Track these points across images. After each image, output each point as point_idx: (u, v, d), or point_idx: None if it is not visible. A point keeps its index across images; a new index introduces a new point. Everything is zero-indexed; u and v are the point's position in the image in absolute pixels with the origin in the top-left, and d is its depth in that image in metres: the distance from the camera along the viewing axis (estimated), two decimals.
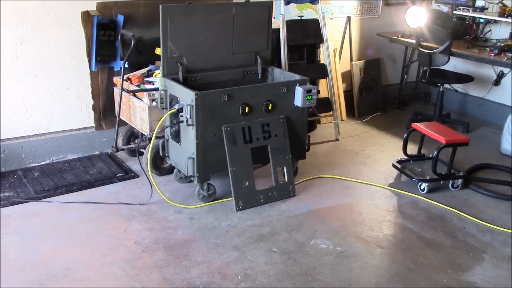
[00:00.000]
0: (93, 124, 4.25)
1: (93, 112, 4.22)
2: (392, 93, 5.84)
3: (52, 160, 4.14)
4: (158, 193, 3.53)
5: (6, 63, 3.79)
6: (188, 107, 3.28)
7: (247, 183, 3.49)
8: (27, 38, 3.80)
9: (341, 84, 5.33)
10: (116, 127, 3.94)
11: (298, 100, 3.61)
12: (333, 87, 4.76)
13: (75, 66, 4.04)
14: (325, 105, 4.79)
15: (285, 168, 3.65)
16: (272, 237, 3.15)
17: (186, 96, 3.33)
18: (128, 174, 3.94)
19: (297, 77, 3.72)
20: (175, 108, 3.40)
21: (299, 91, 3.59)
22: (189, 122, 3.32)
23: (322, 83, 5.04)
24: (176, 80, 3.57)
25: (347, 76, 5.50)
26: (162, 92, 3.58)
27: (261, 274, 2.79)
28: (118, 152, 4.19)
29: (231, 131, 3.42)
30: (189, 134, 3.40)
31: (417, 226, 3.33)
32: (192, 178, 3.51)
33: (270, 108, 3.55)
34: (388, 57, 5.87)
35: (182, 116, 3.37)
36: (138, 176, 3.93)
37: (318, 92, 4.79)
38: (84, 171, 3.95)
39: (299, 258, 2.94)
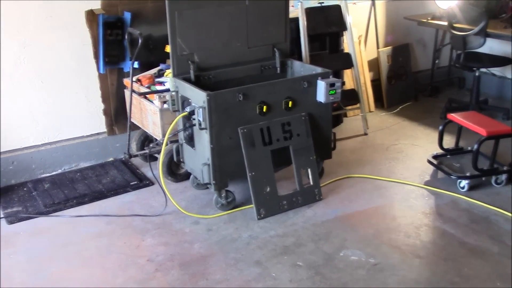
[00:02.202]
0: (105, 130, 4.03)
1: (104, 116, 3.99)
2: (423, 80, 5.45)
3: (64, 169, 3.93)
4: (172, 205, 3.27)
5: (9, 70, 3.58)
6: (200, 109, 3.01)
7: (268, 189, 3.20)
8: (29, 42, 3.59)
9: (368, 73, 4.98)
10: (128, 132, 3.70)
11: (321, 95, 3.29)
12: (359, 77, 4.42)
13: (82, 69, 3.81)
14: (351, 97, 4.45)
15: (309, 170, 3.35)
16: (297, 249, 2.87)
17: (198, 97, 3.06)
18: (143, 182, 3.70)
19: (318, 69, 3.41)
20: (186, 111, 3.14)
21: (321, 85, 3.27)
22: (202, 126, 3.05)
23: (347, 73, 4.70)
24: (187, 79, 3.30)
25: (374, 64, 5.14)
26: (173, 93, 3.32)
27: None
28: (132, 158, 3.96)
29: (248, 133, 3.14)
30: (203, 139, 3.13)
31: (459, 231, 2.99)
32: (208, 186, 3.24)
33: (290, 105, 3.25)
34: (417, 41, 5.48)
35: (194, 119, 3.10)
36: (153, 184, 3.69)
37: (343, 83, 4.47)
38: (97, 180, 3.73)
39: (327, 273, 2.65)
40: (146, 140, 3.97)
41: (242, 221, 3.18)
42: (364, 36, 5.01)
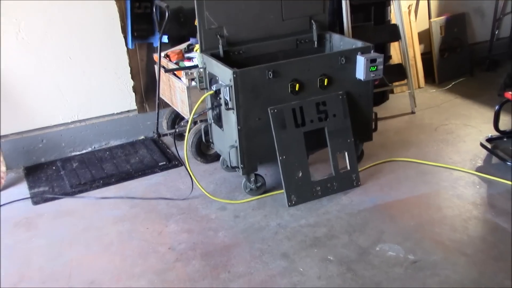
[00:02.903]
0: (135, 107, 3.88)
1: (134, 94, 3.84)
2: (480, 52, 4.99)
3: (94, 148, 3.83)
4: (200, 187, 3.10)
5: (36, 46, 3.47)
6: (227, 87, 2.79)
7: (300, 174, 2.96)
8: (55, 19, 3.45)
9: (418, 46, 4.59)
10: (157, 111, 3.54)
11: (361, 72, 2.99)
12: (407, 51, 4.05)
13: (110, 45, 3.66)
14: (398, 72, 4.10)
15: (346, 153, 3.08)
16: (329, 241, 2.63)
17: (224, 75, 2.83)
18: (171, 163, 3.54)
19: (359, 44, 3.10)
20: (213, 90, 2.93)
21: (361, 61, 2.97)
22: (229, 106, 2.83)
23: (395, 46, 4.33)
24: (215, 55, 3.08)
25: (425, 36, 4.73)
26: (200, 70, 3.11)
27: None
28: (163, 137, 3.81)
29: (279, 114, 2.90)
30: (230, 119, 2.92)
31: None
32: (236, 169, 3.04)
33: (326, 83, 2.97)
34: (475, 10, 5.00)
35: (220, 98, 2.89)
36: (182, 165, 3.53)
37: (390, 57, 4.14)
38: (125, 160, 3.60)
39: (360, 270, 2.41)
40: (177, 118, 3.81)
41: (271, 207, 2.96)
42: (415, 6, 4.59)
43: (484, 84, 4.66)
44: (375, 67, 2.98)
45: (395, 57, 4.35)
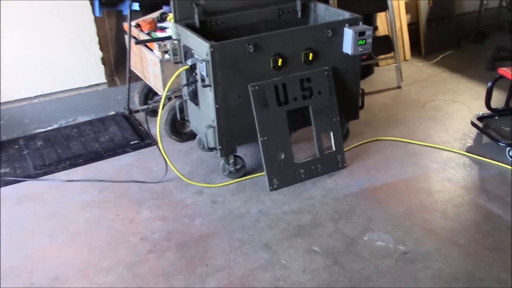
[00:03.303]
0: (105, 80, 3.60)
1: (103, 66, 3.55)
2: (468, 23, 4.80)
3: (60, 124, 3.56)
4: (176, 169, 2.87)
5: None
6: (203, 63, 2.54)
7: (282, 156, 2.77)
8: None
9: (404, 16, 4.36)
10: (127, 85, 3.27)
11: (348, 46, 2.77)
12: (394, 22, 3.83)
13: (76, 12, 3.35)
14: (385, 44, 3.89)
15: (332, 133, 2.89)
16: (313, 230, 2.46)
17: (201, 48, 2.58)
18: (144, 141, 3.30)
19: (346, 15, 2.86)
20: (188, 64, 2.68)
21: (349, 34, 2.74)
22: (206, 82, 2.60)
23: (381, 17, 4.10)
24: (191, 26, 2.81)
25: (412, 6, 4.50)
26: (175, 42, 2.85)
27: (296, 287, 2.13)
28: (134, 114, 3.55)
29: (260, 91, 2.67)
30: (207, 97, 2.68)
31: (507, 211, 2.52)
32: (214, 151, 2.82)
33: (310, 58, 2.75)
34: None
35: (196, 74, 2.65)
36: (156, 144, 3.29)
37: (376, 28, 3.91)
38: (94, 138, 3.35)
39: (348, 262, 2.24)
40: (150, 93, 3.54)
41: (252, 192, 2.77)
42: None
43: (472, 56, 4.48)
44: (364, 40, 2.76)
45: (381, 28, 4.13)
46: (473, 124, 3.18)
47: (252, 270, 2.23)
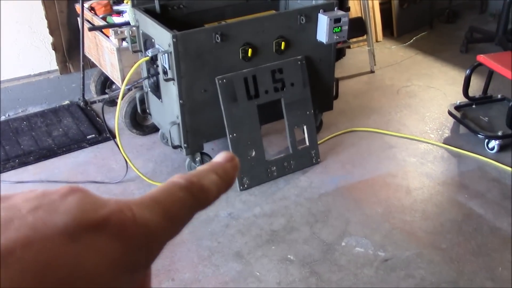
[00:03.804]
0: (57, 67, 3.30)
1: (54, 51, 3.24)
2: (440, 3, 4.64)
3: (8, 116, 3.25)
4: (137, 166, 2.64)
5: None
6: (165, 54, 2.29)
7: (253, 153, 2.57)
8: None
9: None
10: (81, 73, 2.98)
11: (323, 34, 2.57)
12: (367, 3, 3.63)
13: None
14: (358, 27, 3.70)
15: (305, 127, 2.70)
16: (288, 235, 2.29)
17: (162, 38, 2.33)
18: (102, 135, 3.04)
19: (320, 0, 2.65)
20: (148, 55, 2.42)
21: (323, 21, 2.53)
22: (168, 75, 2.36)
23: None
24: (150, 11, 2.55)
25: None
26: (133, 28, 2.58)
27: None
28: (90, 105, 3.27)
29: (228, 84, 2.45)
30: (170, 91, 2.45)
31: (489, 210, 2.41)
32: (179, 149, 2.60)
33: (283, 47, 2.54)
34: None
35: (158, 66, 2.40)
36: (115, 137, 3.04)
37: (348, 9, 3.70)
38: (46, 132, 3.07)
39: (325, 272, 2.09)
40: (108, 81, 3.27)
41: None
42: None
43: (445, 37, 4.35)
44: (340, 28, 2.56)
45: (353, 9, 3.93)
46: (450, 113, 3.05)
47: (223, 284, 2.05)
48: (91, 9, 2.93)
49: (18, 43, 3.12)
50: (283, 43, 2.52)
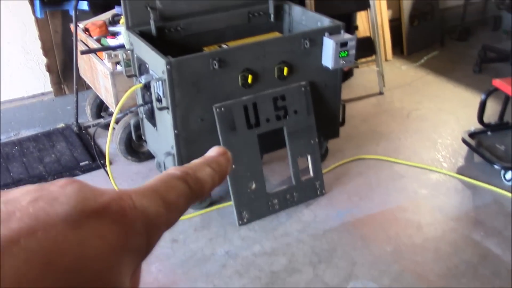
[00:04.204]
0: (51, 89, 3.17)
1: (48, 73, 3.11)
2: (452, 19, 4.47)
3: (0, 140, 3.12)
4: None
5: None
6: (159, 82, 2.15)
7: (253, 186, 2.41)
8: None
9: (385, 12, 4.01)
10: (75, 97, 2.84)
11: (328, 59, 2.41)
12: (376, 22, 3.48)
13: (15, 12, 2.90)
14: (366, 47, 3.54)
15: (309, 157, 2.54)
16: (289, 278, 2.12)
17: (156, 64, 2.18)
18: (96, 162, 2.90)
19: (326, 21, 2.50)
20: (141, 82, 2.28)
21: (329, 45, 2.38)
22: (163, 104, 2.21)
23: (362, 15, 3.75)
24: (146, 34, 2.41)
25: (393, 1, 4.15)
26: (127, 52, 2.44)
27: None
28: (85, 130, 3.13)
29: (227, 112, 2.30)
30: (164, 120, 2.30)
31: (507, 250, 2.23)
32: None
33: (285, 72, 2.38)
34: None
35: (151, 94, 2.25)
36: (110, 163, 2.89)
37: (356, 28, 3.56)
38: (38, 158, 2.93)
39: None
40: (104, 104, 3.12)
41: (218, 227, 2.41)
42: None
43: (457, 56, 4.18)
44: (346, 52, 2.40)
45: (361, 27, 3.78)
46: (464, 141, 2.87)
47: None
48: (86, 30, 2.80)
49: (10, 64, 3.00)
50: (285, 69, 2.37)
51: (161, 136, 2.42)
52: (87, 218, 0.25)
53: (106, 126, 3.03)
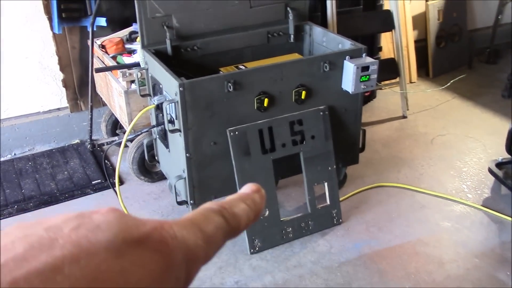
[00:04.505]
0: (67, 105, 3.13)
1: (64, 89, 3.08)
2: (481, 41, 4.33)
3: (14, 155, 3.10)
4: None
5: None
6: (171, 104, 2.08)
7: (267, 213, 2.32)
8: None
9: (411, 32, 3.90)
10: (89, 115, 2.79)
11: (349, 83, 2.31)
12: (401, 43, 3.36)
13: (32, 28, 2.88)
14: (390, 68, 3.43)
15: (326, 184, 2.44)
16: None
17: (169, 85, 2.12)
18: (109, 180, 2.84)
19: (347, 43, 2.40)
20: (153, 103, 2.22)
21: (350, 69, 2.28)
22: (175, 126, 2.14)
23: (386, 36, 3.64)
24: (161, 53, 2.35)
25: (419, 21, 4.04)
26: (142, 71, 2.39)
27: None
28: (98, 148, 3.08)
29: (241, 137, 2.21)
30: (177, 142, 2.23)
31: None
32: (185, 205, 2.36)
33: (303, 96, 2.29)
34: None
35: (163, 115, 2.19)
36: (122, 183, 2.84)
37: (380, 49, 3.46)
38: (51, 174, 2.89)
39: None
40: (119, 121, 3.08)
41: (228, 255, 2.32)
42: None
43: (485, 79, 4.03)
44: (367, 76, 2.30)
45: (385, 47, 3.67)
46: (490, 171, 2.73)
47: None
48: (102, 46, 2.76)
49: (27, 79, 2.97)
50: (303, 92, 2.28)
51: (173, 158, 2.35)
52: (129, 246, 0.26)
53: (120, 144, 2.98)
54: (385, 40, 3.69)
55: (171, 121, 2.16)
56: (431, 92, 3.82)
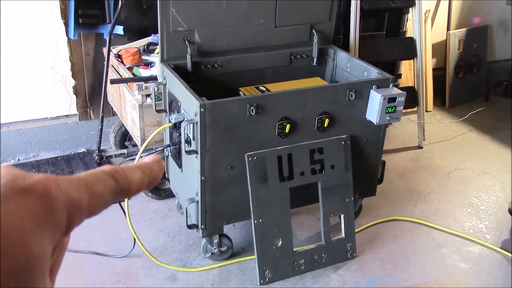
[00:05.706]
0: (76, 112, 3.03)
1: (75, 96, 2.99)
2: (499, 73, 4.26)
3: (18, 160, 2.99)
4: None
5: None
6: (190, 124, 1.98)
7: (280, 243, 2.21)
8: None
9: (430, 61, 3.83)
10: (100, 125, 2.70)
11: (373, 114, 2.22)
12: (422, 72, 3.28)
13: (47, 31, 2.79)
14: (409, 97, 3.32)
15: (342, 216, 2.34)
16: None
17: (189, 104, 2.02)
18: None
19: (373, 72, 2.32)
20: (171, 122, 2.12)
21: (376, 99, 2.19)
22: (191, 147, 2.04)
23: (405, 63, 3.56)
24: (180, 69, 2.26)
25: (439, 50, 3.97)
26: (160, 86, 2.30)
27: None
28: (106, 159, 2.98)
29: (259, 162, 2.12)
30: (192, 164, 2.13)
31: None
32: (195, 229, 2.25)
33: (325, 124, 2.20)
34: (499, 23, 4.25)
35: (180, 134, 2.09)
36: (123, 209, 2.72)
37: (399, 76, 3.38)
38: None
39: None
40: (129, 133, 2.98)
41: (237, 284, 2.21)
42: (433, 12, 3.82)
43: (503, 113, 3.95)
44: (394, 108, 2.22)
45: (404, 74, 3.59)
46: (510, 212, 2.63)
47: None
48: (118, 56, 2.67)
49: (37, 83, 2.88)
50: (326, 120, 2.19)
51: (186, 179, 2.25)
52: (16, 194, 0.29)
53: (128, 157, 2.89)
54: (404, 66, 3.61)
55: (188, 142, 2.06)
56: (448, 123, 3.73)
